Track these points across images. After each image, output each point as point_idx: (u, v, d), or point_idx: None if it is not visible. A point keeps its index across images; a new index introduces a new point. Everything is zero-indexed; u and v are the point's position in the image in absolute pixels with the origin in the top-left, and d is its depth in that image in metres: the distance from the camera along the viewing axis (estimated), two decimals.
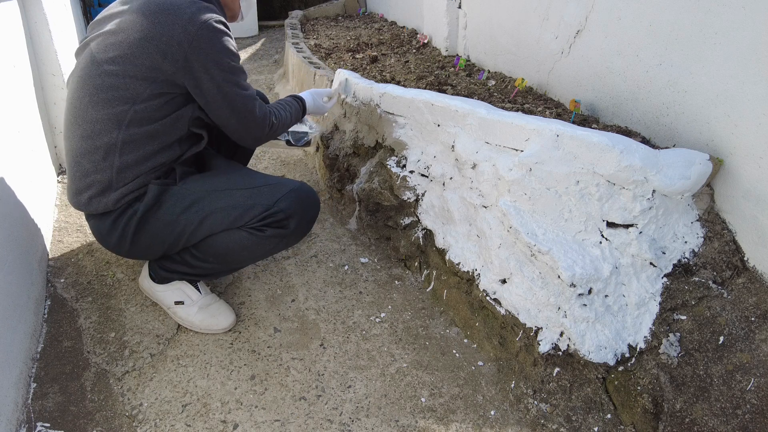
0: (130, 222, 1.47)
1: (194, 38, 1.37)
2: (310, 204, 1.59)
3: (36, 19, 2.28)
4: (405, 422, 1.38)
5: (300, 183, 1.60)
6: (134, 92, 1.40)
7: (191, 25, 1.37)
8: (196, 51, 1.38)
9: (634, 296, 1.39)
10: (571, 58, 2.05)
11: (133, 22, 1.39)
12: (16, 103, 1.93)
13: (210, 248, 1.53)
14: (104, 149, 1.42)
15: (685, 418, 1.24)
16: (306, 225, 1.60)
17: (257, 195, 1.52)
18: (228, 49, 1.44)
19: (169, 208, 1.48)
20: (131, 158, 1.43)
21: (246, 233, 1.51)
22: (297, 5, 6.33)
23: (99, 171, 1.43)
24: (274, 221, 1.51)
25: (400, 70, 2.73)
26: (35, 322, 1.56)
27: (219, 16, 1.44)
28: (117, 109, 1.41)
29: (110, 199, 1.45)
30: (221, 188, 1.52)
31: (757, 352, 1.22)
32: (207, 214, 1.48)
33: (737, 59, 1.34)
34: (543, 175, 1.43)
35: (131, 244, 1.50)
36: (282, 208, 1.51)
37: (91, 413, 1.37)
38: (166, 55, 1.37)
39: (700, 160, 1.37)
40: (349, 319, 1.72)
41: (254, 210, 1.50)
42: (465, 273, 1.69)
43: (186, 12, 1.38)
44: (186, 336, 1.62)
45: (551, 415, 1.38)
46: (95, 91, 1.41)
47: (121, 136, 1.42)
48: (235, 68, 1.47)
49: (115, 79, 1.40)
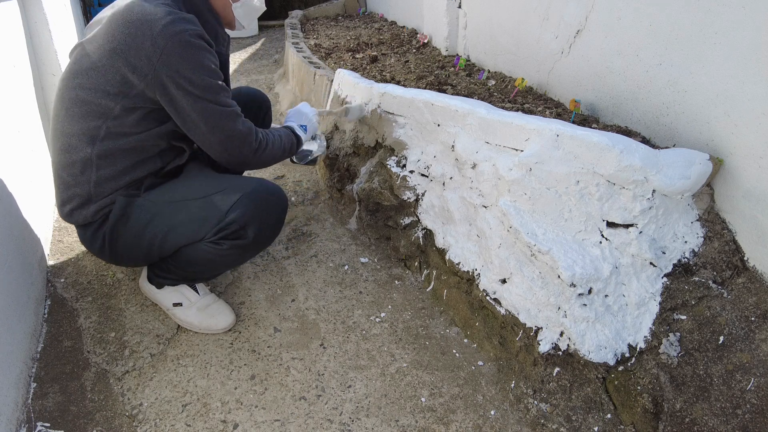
0: (105, 234, 1.46)
1: (163, 52, 1.28)
2: (268, 206, 1.47)
3: (36, 19, 2.28)
4: (405, 422, 1.38)
5: (256, 183, 1.47)
6: (105, 108, 1.35)
7: (161, 38, 1.28)
8: (165, 65, 1.29)
9: (634, 296, 1.39)
10: (571, 58, 2.05)
11: (107, 32, 1.33)
12: (16, 103, 1.93)
13: (183, 259, 1.50)
14: (81, 164, 1.39)
15: (685, 418, 1.24)
16: (269, 230, 1.49)
17: (209, 205, 1.42)
18: (201, 65, 1.33)
19: (135, 222, 1.44)
20: (108, 172, 1.40)
21: (207, 247, 1.44)
22: (297, 5, 6.33)
23: (78, 185, 1.42)
24: (229, 233, 1.42)
25: (400, 69, 2.73)
26: (35, 322, 1.56)
27: (197, 29, 1.34)
28: (90, 125, 1.37)
29: (89, 211, 1.44)
30: (178, 199, 1.45)
31: (757, 352, 1.22)
32: (168, 229, 1.44)
33: (737, 59, 1.34)
34: (543, 175, 1.43)
35: (110, 254, 1.50)
36: (234, 219, 1.40)
37: (91, 413, 1.37)
38: (135, 69, 1.31)
39: (700, 160, 1.37)
40: (349, 318, 1.72)
41: (208, 223, 1.41)
42: (465, 273, 1.69)
43: (158, 23, 1.29)
44: (186, 336, 1.62)
45: (551, 414, 1.38)
46: (70, 105, 1.38)
47: (95, 151, 1.38)
48: (210, 85, 1.36)
49: (87, 94, 1.35)
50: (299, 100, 3.23)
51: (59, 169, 1.44)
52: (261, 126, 2.04)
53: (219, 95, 1.38)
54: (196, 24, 1.35)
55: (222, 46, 1.56)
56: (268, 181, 1.53)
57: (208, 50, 1.36)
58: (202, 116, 1.37)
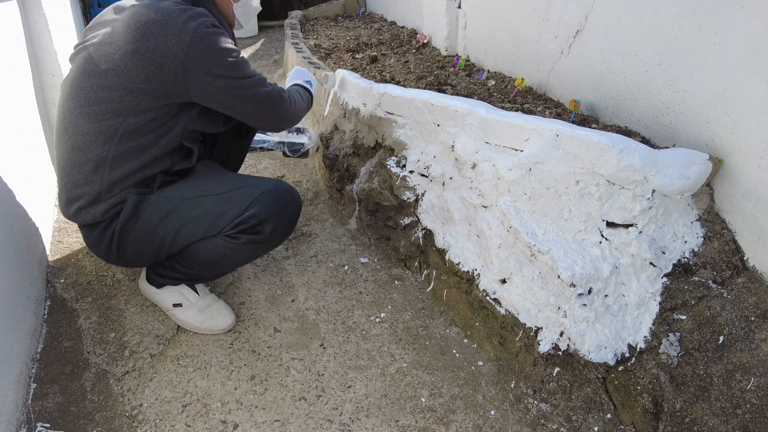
0: (114, 233, 1.46)
1: (189, 47, 1.35)
2: (285, 205, 1.53)
3: (35, 19, 2.28)
4: (405, 422, 1.38)
5: (275, 183, 1.53)
6: (128, 105, 1.38)
7: (184, 34, 1.35)
8: (193, 59, 1.36)
9: (634, 296, 1.39)
10: (571, 58, 2.05)
11: (125, 33, 1.37)
12: (15, 103, 1.93)
13: (192, 256, 1.51)
14: (95, 162, 1.40)
15: (685, 418, 1.24)
16: (284, 228, 1.54)
17: (227, 201, 1.47)
18: (224, 49, 1.42)
19: (147, 219, 1.45)
20: (122, 171, 1.42)
21: (222, 241, 1.46)
22: (297, 5, 6.33)
23: (89, 183, 1.42)
24: (248, 227, 1.46)
25: (399, 70, 2.73)
26: (35, 323, 1.56)
27: (210, 18, 1.42)
28: (109, 123, 1.39)
29: (98, 210, 1.44)
30: (193, 196, 1.48)
31: (757, 352, 1.22)
32: (182, 224, 1.46)
33: (737, 59, 1.34)
34: (543, 175, 1.43)
35: (118, 254, 1.50)
36: (254, 213, 1.45)
37: (91, 413, 1.37)
38: (163, 66, 1.35)
39: (699, 160, 1.37)
40: (349, 319, 1.72)
41: (226, 217, 1.45)
42: (465, 273, 1.69)
43: (177, 21, 1.36)
44: (186, 336, 1.62)
45: (551, 415, 1.38)
46: (87, 104, 1.39)
47: (112, 149, 1.40)
48: (236, 63, 1.45)
49: (108, 92, 1.37)
50: None
51: (69, 166, 1.44)
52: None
53: (245, 70, 1.48)
54: (208, 15, 1.43)
55: None
56: (285, 182, 1.58)
57: (224, 34, 1.44)
58: (235, 94, 1.46)
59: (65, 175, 1.46)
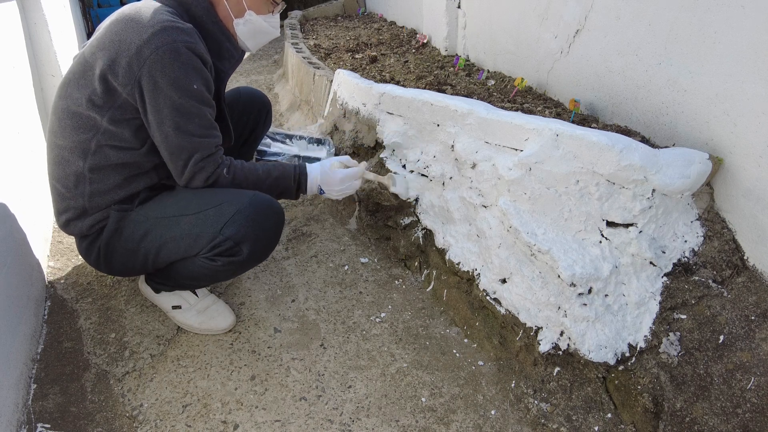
0: (100, 248, 1.46)
1: (146, 60, 1.24)
2: (262, 221, 1.40)
3: (35, 20, 2.28)
4: (405, 422, 1.38)
5: (250, 199, 1.40)
6: (94, 120, 1.32)
7: (147, 46, 1.23)
8: (147, 76, 1.24)
9: (634, 295, 1.39)
10: (571, 58, 2.05)
11: (99, 38, 1.31)
12: (15, 104, 1.93)
13: (177, 272, 1.50)
14: (74, 177, 1.38)
15: (686, 417, 1.24)
16: (263, 246, 1.44)
17: (202, 222, 1.38)
18: (182, 85, 1.27)
19: (129, 236, 1.43)
20: (102, 186, 1.39)
21: (202, 262, 1.42)
22: (296, 5, 6.33)
23: (73, 197, 1.41)
24: (224, 250, 1.38)
25: (399, 70, 2.73)
26: (35, 323, 1.56)
27: (190, 40, 1.28)
28: (81, 137, 1.35)
29: (85, 224, 1.43)
30: (170, 215, 1.41)
31: (757, 351, 1.22)
32: (161, 244, 1.41)
33: (736, 58, 1.34)
34: (543, 175, 1.43)
35: (106, 266, 1.51)
36: (228, 236, 1.36)
37: (91, 414, 1.37)
38: (117, 76, 1.27)
39: (699, 159, 1.37)
40: (349, 319, 1.72)
41: (202, 239, 1.38)
42: (465, 273, 1.69)
43: (148, 30, 1.24)
44: (186, 336, 1.62)
45: (552, 414, 1.38)
46: (62, 116, 1.36)
47: (87, 165, 1.36)
48: (183, 108, 1.29)
49: (75, 105, 1.33)
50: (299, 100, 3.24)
51: (53, 179, 1.44)
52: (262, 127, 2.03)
53: (188, 120, 1.32)
54: (191, 36, 1.30)
55: (225, 61, 1.50)
56: (264, 196, 1.45)
57: (194, 66, 1.30)
58: (163, 135, 1.32)
59: (52, 186, 1.46)
